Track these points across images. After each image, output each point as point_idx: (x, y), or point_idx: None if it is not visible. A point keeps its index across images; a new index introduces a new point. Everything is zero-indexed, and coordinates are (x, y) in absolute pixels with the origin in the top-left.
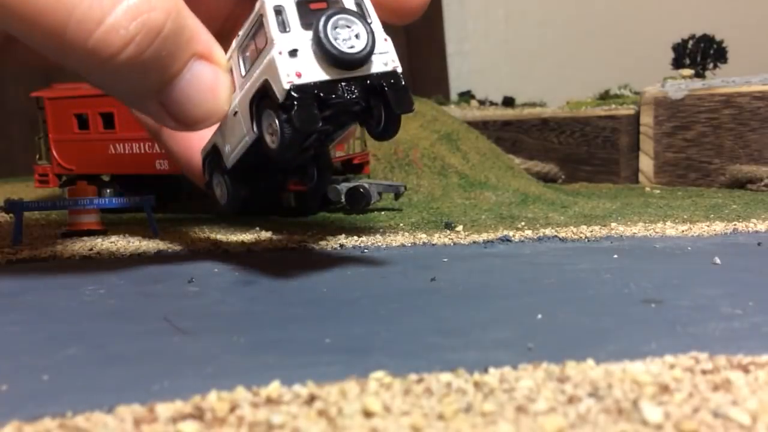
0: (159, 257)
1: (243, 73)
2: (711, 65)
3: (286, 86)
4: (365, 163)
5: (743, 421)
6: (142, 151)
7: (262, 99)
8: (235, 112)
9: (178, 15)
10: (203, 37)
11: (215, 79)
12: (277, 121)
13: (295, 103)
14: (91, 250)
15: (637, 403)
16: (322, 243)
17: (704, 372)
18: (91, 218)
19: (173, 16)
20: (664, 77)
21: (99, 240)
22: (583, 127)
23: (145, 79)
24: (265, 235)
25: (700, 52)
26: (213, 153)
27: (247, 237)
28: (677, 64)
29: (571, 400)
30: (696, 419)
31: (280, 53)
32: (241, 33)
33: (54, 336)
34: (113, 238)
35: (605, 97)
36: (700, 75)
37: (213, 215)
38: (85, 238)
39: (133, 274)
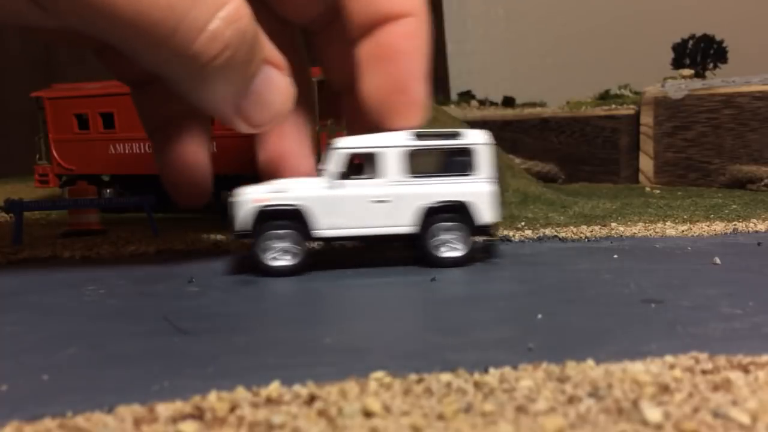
0: (159, 257)
1: None
2: (711, 65)
3: None
4: None
5: (743, 421)
6: (142, 151)
7: None
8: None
9: (253, 22)
10: (268, 44)
11: (283, 83)
12: None
13: None
14: (91, 250)
15: (637, 403)
16: (322, 243)
17: (704, 372)
18: (91, 218)
19: (253, 22)
20: (664, 77)
21: (99, 240)
22: (583, 127)
23: (229, 83)
24: None
25: (700, 52)
26: None
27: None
28: (677, 64)
29: (571, 400)
30: (696, 419)
31: None
32: None
33: (54, 336)
34: (113, 238)
35: (605, 97)
36: (700, 75)
37: (213, 215)
38: (85, 238)
39: (133, 274)
